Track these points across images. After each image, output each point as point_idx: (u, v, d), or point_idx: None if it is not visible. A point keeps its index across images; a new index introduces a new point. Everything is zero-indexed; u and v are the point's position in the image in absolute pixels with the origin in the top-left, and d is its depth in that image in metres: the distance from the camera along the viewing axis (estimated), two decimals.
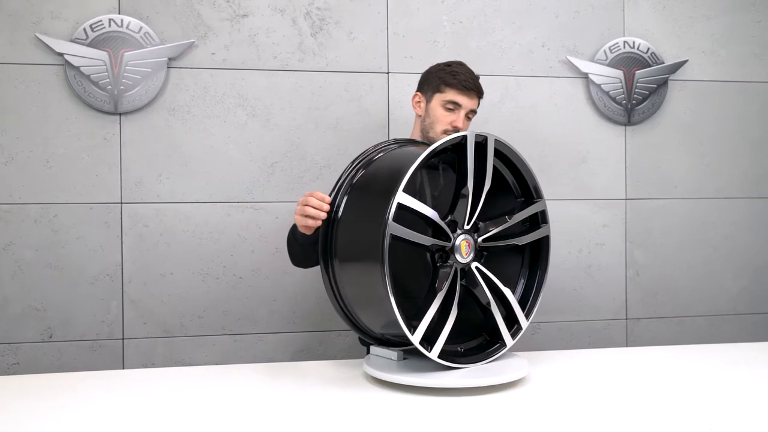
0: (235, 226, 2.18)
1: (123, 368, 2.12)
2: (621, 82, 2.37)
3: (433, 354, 1.35)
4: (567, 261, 2.38)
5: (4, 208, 2.05)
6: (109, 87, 2.08)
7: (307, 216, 1.46)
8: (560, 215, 2.36)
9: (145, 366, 2.13)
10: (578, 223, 2.38)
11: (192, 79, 2.15)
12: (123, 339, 2.12)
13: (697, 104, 2.45)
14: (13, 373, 2.04)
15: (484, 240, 1.45)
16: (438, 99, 1.76)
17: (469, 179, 1.40)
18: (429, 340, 1.36)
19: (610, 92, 2.36)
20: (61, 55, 2.06)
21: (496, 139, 1.45)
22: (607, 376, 1.50)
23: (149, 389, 1.41)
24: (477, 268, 1.43)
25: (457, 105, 1.75)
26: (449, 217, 1.43)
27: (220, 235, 2.17)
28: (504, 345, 1.47)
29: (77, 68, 2.06)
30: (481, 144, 1.45)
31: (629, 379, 1.47)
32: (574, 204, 2.38)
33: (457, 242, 1.39)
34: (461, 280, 1.42)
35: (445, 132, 1.73)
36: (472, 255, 1.42)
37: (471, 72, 1.78)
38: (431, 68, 1.82)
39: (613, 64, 2.37)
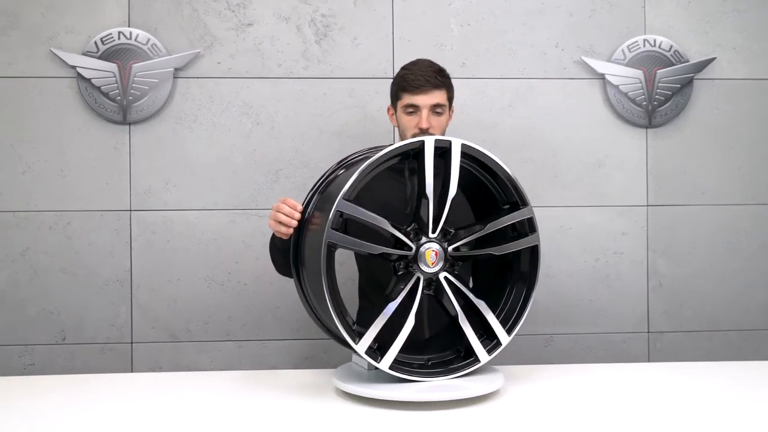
0: (240, 233, 2.20)
1: (132, 371, 2.17)
2: (641, 83, 2.25)
3: (384, 364, 1.31)
4: (582, 270, 2.27)
5: (21, 215, 2.15)
6: (119, 98, 2.14)
7: (279, 222, 1.47)
8: (575, 222, 2.26)
9: (153, 370, 2.18)
10: (594, 231, 2.27)
11: (198, 89, 2.19)
12: (132, 343, 2.18)
13: (726, 104, 2.30)
14: (29, 374, 2.13)
15: (455, 249, 1.39)
16: (399, 106, 1.73)
17: (427, 186, 1.36)
18: (409, 350, 1.34)
19: (629, 93, 2.25)
20: (74, 68, 2.13)
21: (465, 144, 1.39)
22: (619, 393, 1.42)
23: (151, 394, 1.45)
24: (446, 278, 1.38)
25: (415, 107, 1.68)
26: (413, 225, 1.39)
27: (225, 242, 2.19)
28: (477, 361, 1.40)
29: (88, 80, 2.13)
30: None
31: (644, 396, 1.38)
32: (589, 211, 2.27)
33: (422, 250, 1.35)
34: (428, 289, 1.37)
35: (414, 136, 1.68)
36: (441, 264, 1.36)
37: (425, 68, 1.70)
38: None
39: (633, 63, 2.25)
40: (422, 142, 1.36)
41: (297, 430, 1.20)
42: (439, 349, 1.43)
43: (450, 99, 1.74)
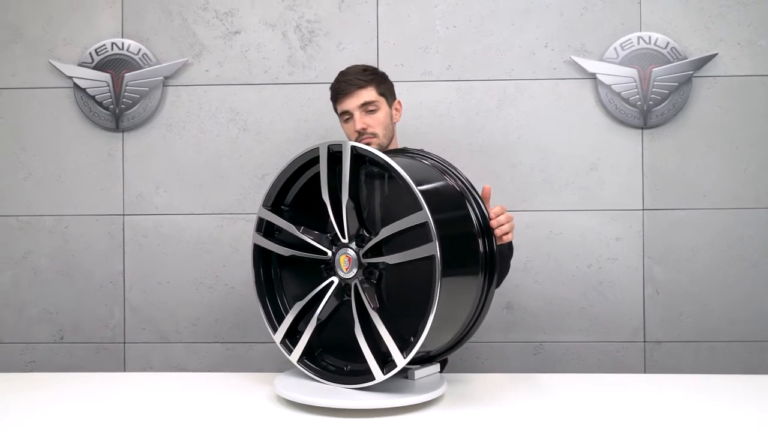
0: (227, 237, 2.24)
1: (124, 370, 2.25)
2: (635, 82, 2.16)
3: (293, 357, 1.39)
4: (574, 277, 2.20)
5: (23, 219, 2.25)
6: (111, 106, 2.22)
7: None
8: (566, 228, 2.19)
9: (144, 369, 2.25)
10: (586, 237, 2.20)
11: (187, 96, 2.24)
12: (124, 343, 2.25)
13: (730, 102, 2.18)
14: (30, 371, 2.24)
15: (365, 255, 1.34)
16: (338, 116, 1.76)
17: (322, 191, 1.36)
18: (346, 354, 1.39)
19: (622, 93, 2.16)
20: (70, 78, 2.23)
21: (356, 146, 1.34)
22: (611, 405, 1.35)
23: (138, 394, 1.49)
24: (355, 285, 1.35)
25: (348, 113, 1.70)
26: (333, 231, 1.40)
27: (213, 246, 2.24)
28: (371, 377, 1.31)
29: (84, 90, 2.22)
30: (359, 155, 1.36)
31: (639, 409, 1.32)
32: (581, 215, 2.20)
33: (338, 256, 1.35)
34: (348, 297, 1.38)
35: (356, 141, 1.68)
36: (355, 270, 1.34)
37: (348, 73, 1.71)
38: None
39: (626, 62, 2.16)
40: (318, 148, 1.38)
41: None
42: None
43: (384, 94, 1.72)
